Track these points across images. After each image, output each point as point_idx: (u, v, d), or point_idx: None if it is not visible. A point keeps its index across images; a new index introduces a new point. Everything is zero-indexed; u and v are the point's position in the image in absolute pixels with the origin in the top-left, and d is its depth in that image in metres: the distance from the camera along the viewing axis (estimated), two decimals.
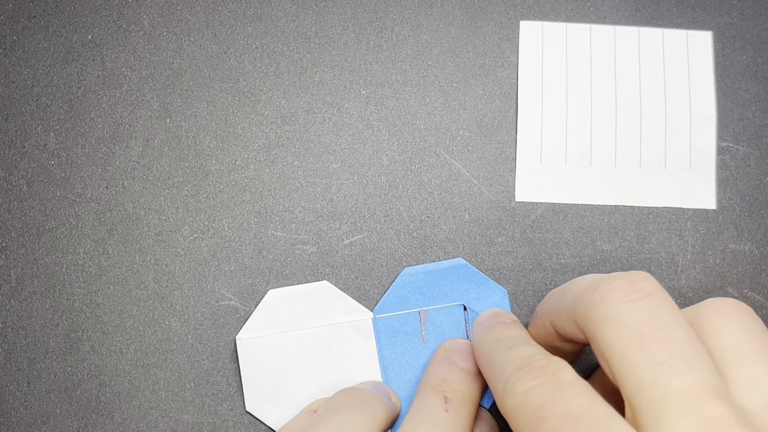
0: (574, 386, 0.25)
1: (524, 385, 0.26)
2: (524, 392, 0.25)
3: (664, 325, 0.24)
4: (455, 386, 0.30)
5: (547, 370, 0.26)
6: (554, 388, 0.25)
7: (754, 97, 0.36)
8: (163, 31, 0.36)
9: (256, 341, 0.33)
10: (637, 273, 0.26)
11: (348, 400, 0.30)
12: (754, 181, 0.35)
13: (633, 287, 0.25)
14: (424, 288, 0.34)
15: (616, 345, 0.24)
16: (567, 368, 0.26)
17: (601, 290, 0.26)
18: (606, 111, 0.36)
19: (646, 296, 0.25)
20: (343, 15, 0.36)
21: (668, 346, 0.24)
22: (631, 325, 0.24)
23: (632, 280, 0.26)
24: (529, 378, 0.26)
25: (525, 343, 0.29)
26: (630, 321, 0.25)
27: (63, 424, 0.33)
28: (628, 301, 0.25)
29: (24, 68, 0.36)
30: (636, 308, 0.25)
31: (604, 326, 0.25)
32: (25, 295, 0.34)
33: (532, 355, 0.27)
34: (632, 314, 0.25)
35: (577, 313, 0.27)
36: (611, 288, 0.26)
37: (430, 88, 0.36)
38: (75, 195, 0.35)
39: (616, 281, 0.26)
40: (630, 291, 0.25)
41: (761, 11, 0.37)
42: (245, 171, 0.35)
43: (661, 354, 0.24)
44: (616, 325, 0.25)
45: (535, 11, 0.37)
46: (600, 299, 0.26)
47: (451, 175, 0.35)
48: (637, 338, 0.24)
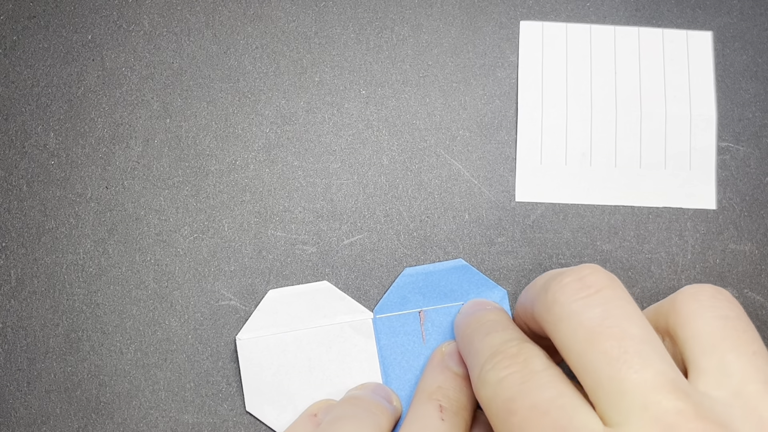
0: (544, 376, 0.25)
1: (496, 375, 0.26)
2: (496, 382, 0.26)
3: (617, 320, 0.24)
4: (450, 394, 0.30)
5: (519, 357, 0.26)
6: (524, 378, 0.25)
7: (754, 97, 0.36)
8: (163, 31, 0.36)
9: (256, 341, 0.33)
10: (587, 267, 0.26)
11: (353, 410, 0.30)
12: (754, 181, 0.35)
13: (582, 283, 0.25)
14: (424, 288, 0.34)
15: (571, 344, 0.25)
16: (539, 356, 0.26)
17: (552, 290, 0.26)
18: (606, 111, 0.36)
19: (597, 291, 0.25)
20: (343, 15, 0.36)
21: (622, 342, 0.24)
22: (584, 324, 0.25)
23: (581, 275, 0.26)
24: (501, 367, 0.26)
25: (503, 327, 0.29)
26: (582, 319, 0.25)
27: (63, 424, 0.33)
28: (579, 298, 0.25)
29: (24, 68, 0.36)
30: (587, 305, 0.25)
31: (559, 327, 0.25)
32: (25, 295, 0.34)
33: (507, 341, 0.27)
34: (584, 312, 0.25)
35: (535, 315, 0.27)
36: (561, 287, 0.26)
37: (430, 88, 0.36)
38: (75, 195, 0.35)
39: (565, 279, 0.26)
40: (580, 288, 0.25)
41: (761, 11, 0.37)
42: (245, 171, 0.35)
43: (614, 350, 0.24)
44: (570, 325, 0.25)
45: (535, 11, 0.37)
46: (552, 299, 0.26)
47: (451, 175, 0.35)
48: (591, 336, 0.24)
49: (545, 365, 0.26)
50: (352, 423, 0.29)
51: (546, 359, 0.26)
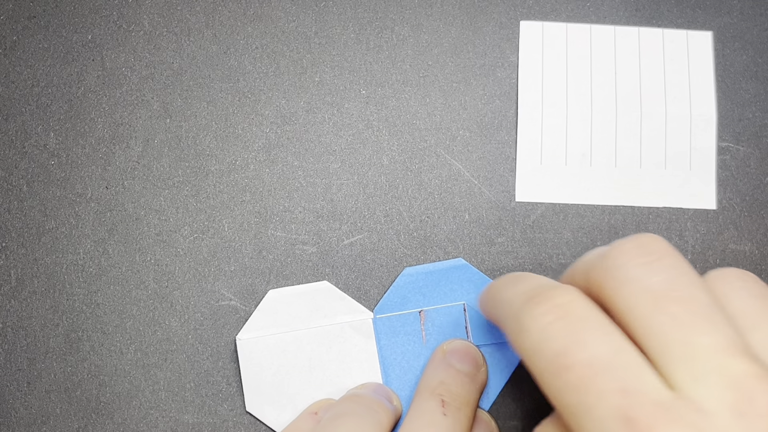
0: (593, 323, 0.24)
1: (537, 323, 0.25)
2: (539, 331, 0.24)
3: (683, 286, 0.24)
4: (452, 389, 0.30)
5: (558, 299, 0.25)
6: (572, 326, 0.24)
7: (754, 97, 0.36)
8: (163, 31, 0.36)
9: (256, 341, 0.33)
10: (646, 235, 0.25)
11: (354, 408, 0.30)
12: (754, 181, 0.35)
13: (645, 249, 0.25)
14: (425, 288, 0.34)
15: (637, 308, 0.24)
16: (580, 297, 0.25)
17: (613, 255, 0.25)
18: (606, 111, 0.36)
19: (659, 258, 0.25)
20: (343, 15, 0.36)
21: (690, 307, 0.23)
22: (649, 288, 0.24)
23: (642, 242, 0.25)
24: (540, 312, 0.25)
25: (532, 276, 0.28)
26: (647, 283, 0.24)
27: (63, 424, 0.33)
28: (642, 263, 0.24)
29: (24, 68, 0.36)
30: (651, 270, 0.24)
31: (621, 290, 0.24)
32: (25, 295, 0.34)
33: (540, 285, 0.26)
34: (648, 277, 0.24)
35: (591, 283, 0.26)
36: (622, 251, 0.25)
37: (430, 88, 0.36)
38: (75, 195, 0.35)
39: (626, 245, 0.25)
40: (641, 253, 0.25)
41: (761, 11, 0.37)
42: (245, 171, 0.35)
43: (684, 315, 0.23)
44: (634, 289, 0.24)
45: (535, 11, 0.37)
46: (612, 263, 0.25)
47: (451, 175, 0.35)
48: (657, 300, 0.24)
49: (589, 308, 0.25)
50: (352, 420, 0.29)
51: (588, 301, 0.25)
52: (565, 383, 0.23)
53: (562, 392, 0.23)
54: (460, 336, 0.33)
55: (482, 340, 0.33)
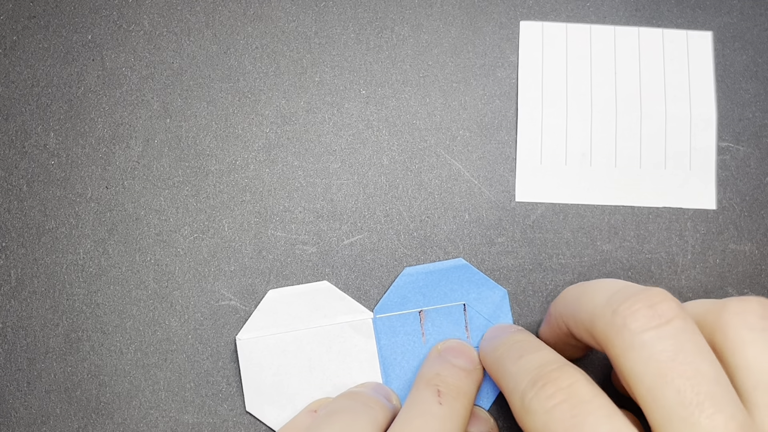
0: (595, 406, 0.25)
1: (542, 405, 0.25)
2: (544, 413, 0.25)
3: (689, 356, 0.24)
4: (449, 380, 0.30)
5: (563, 382, 0.26)
6: (575, 409, 0.25)
7: (754, 97, 0.36)
8: (163, 31, 0.36)
9: (256, 341, 0.33)
10: (657, 293, 0.26)
11: (350, 404, 0.30)
12: (754, 181, 0.35)
13: (654, 312, 0.25)
14: (425, 288, 0.34)
15: (642, 376, 0.24)
16: (583, 380, 0.26)
17: (621, 314, 0.25)
18: (606, 111, 0.36)
19: (668, 321, 0.25)
20: (343, 15, 0.36)
21: (695, 382, 0.24)
22: (656, 357, 0.24)
23: (652, 302, 0.25)
24: (545, 395, 0.26)
25: (534, 348, 0.29)
26: (654, 352, 0.24)
27: (63, 424, 0.33)
28: (650, 328, 0.25)
29: (24, 68, 0.36)
30: (660, 337, 0.24)
31: (628, 355, 0.25)
32: (25, 295, 0.34)
33: (545, 364, 0.27)
34: (656, 344, 0.24)
35: (596, 331, 0.26)
36: (632, 312, 0.25)
37: (430, 88, 0.36)
38: (75, 195, 0.35)
39: (636, 305, 0.25)
40: (652, 316, 0.25)
41: (761, 11, 0.37)
42: (245, 171, 0.35)
43: (688, 391, 0.23)
44: (641, 356, 0.24)
45: (535, 11, 0.37)
46: (621, 324, 0.25)
47: (451, 175, 0.35)
48: (663, 371, 0.24)
49: (592, 392, 0.25)
50: (347, 416, 0.29)
51: (591, 384, 0.26)
52: None
53: None
54: (460, 336, 0.33)
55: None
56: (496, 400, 0.33)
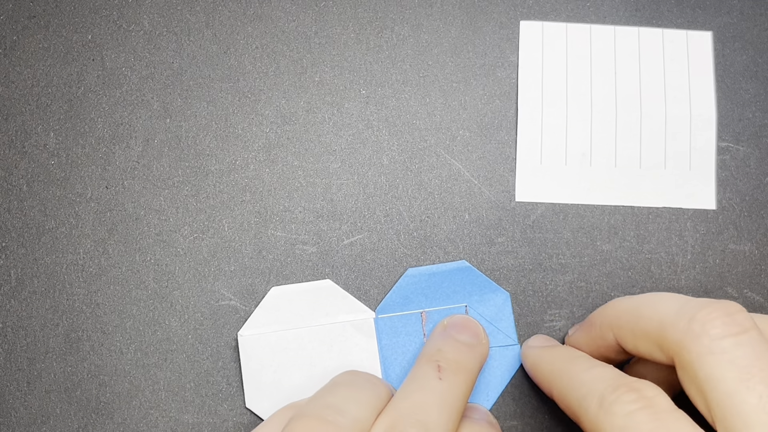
0: (675, 417, 0.25)
1: (623, 408, 0.25)
2: (625, 415, 0.25)
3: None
4: (449, 356, 0.30)
5: (644, 392, 0.26)
6: (656, 416, 0.25)
7: (754, 97, 0.36)
8: (163, 31, 0.36)
9: (257, 338, 0.33)
10: (731, 304, 0.26)
11: (352, 378, 0.30)
12: (754, 181, 0.35)
13: (733, 320, 0.25)
14: (427, 289, 0.34)
15: (721, 381, 0.24)
16: (662, 394, 0.26)
17: (700, 320, 0.25)
18: (606, 111, 0.36)
19: (746, 330, 0.25)
20: (343, 15, 0.36)
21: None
22: (736, 362, 0.24)
23: (729, 311, 0.25)
24: (627, 400, 0.26)
25: (601, 364, 0.29)
26: (734, 357, 0.24)
27: (63, 424, 0.33)
28: (730, 335, 0.25)
29: (24, 68, 0.36)
30: (739, 344, 0.25)
31: (707, 360, 0.25)
32: (25, 295, 0.34)
33: (621, 376, 0.27)
34: (736, 350, 0.25)
35: (667, 339, 0.26)
36: (711, 319, 0.25)
37: (430, 88, 0.36)
38: (75, 195, 0.35)
39: (714, 313, 0.25)
40: (731, 324, 0.25)
41: (761, 11, 0.37)
42: (245, 171, 0.35)
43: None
44: (721, 361, 0.25)
45: (535, 11, 0.37)
46: (701, 330, 0.25)
47: (451, 175, 0.35)
48: (744, 377, 0.24)
49: (671, 406, 0.25)
50: (348, 387, 0.29)
51: (669, 400, 0.26)
52: None
53: None
54: None
55: None
56: (497, 400, 0.33)
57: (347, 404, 0.28)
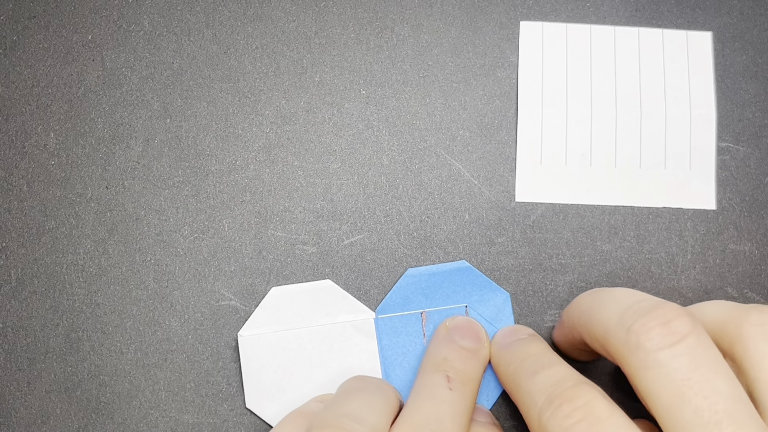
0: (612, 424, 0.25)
1: (559, 424, 0.25)
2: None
3: (706, 374, 0.24)
4: (457, 365, 0.30)
5: (579, 401, 0.26)
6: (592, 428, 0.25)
7: (754, 97, 0.36)
8: (163, 31, 0.36)
9: (257, 338, 0.33)
10: (670, 309, 0.26)
11: (363, 384, 0.30)
12: (754, 181, 0.35)
13: (669, 329, 0.25)
14: (427, 289, 0.34)
15: (658, 395, 0.24)
16: (599, 396, 0.26)
17: (635, 332, 0.25)
18: (606, 111, 0.36)
19: (682, 338, 0.25)
20: (343, 15, 0.36)
21: (712, 401, 0.24)
22: (672, 376, 0.24)
23: (666, 319, 0.25)
24: (562, 414, 0.26)
25: (549, 362, 0.29)
26: (670, 371, 0.24)
27: (63, 424, 0.33)
28: (665, 346, 0.25)
29: (24, 68, 0.36)
30: (675, 355, 0.24)
31: (644, 374, 0.25)
32: (25, 295, 0.34)
33: (561, 381, 0.27)
34: (671, 362, 0.24)
35: (610, 348, 0.26)
36: (646, 331, 0.25)
37: (430, 88, 0.36)
38: (75, 195, 0.35)
39: (650, 323, 0.25)
40: (666, 334, 0.25)
41: (761, 11, 0.37)
42: (245, 171, 0.35)
43: (706, 411, 0.23)
44: (657, 375, 0.25)
45: (535, 11, 0.37)
46: (636, 343, 0.25)
47: (451, 175, 0.35)
48: (680, 390, 0.24)
49: (609, 409, 0.25)
50: (362, 394, 0.29)
51: (607, 400, 0.26)
52: None
53: None
54: None
55: None
56: (497, 400, 0.33)
57: (363, 412, 0.28)
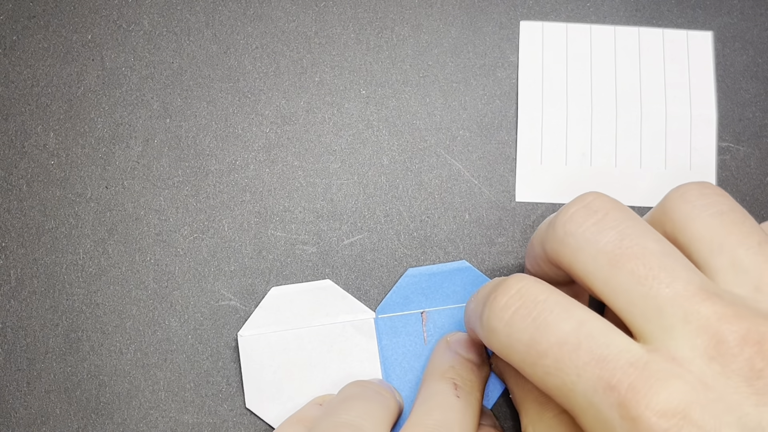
0: (552, 302, 0.25)
1: (500, 318, 0.25)
2: (504, 326, 0.25)
3: (634, 239, 0.24)
4: (463, 374, 0.30)
5: (511, 289, 0.25)
6: (532, 312, 0.24)
7: (754, 97, 0.36)
8: (163, 31, 0.36)
9: (257, 338, 0.33)
10: (588, 194, 0.26)
11: (362, 391, 0.30)
12: (754, 181, 0.35)
13: (590, 209, 0.25)
14: (427, 289, 0.34)
15: (595, 272, 0.24)
16: (531, 280, 0.25)
17: (560, 222, 0.25)
18: (606, 111, 0.36)
19: (605, 214, 0.25)
20: (343, 15, 0.36)
21: (645, 260, 0.24)
22: (603, 249, 0.24)
23: (585, 202, 0.25)
24: (499, 306, 0.25)
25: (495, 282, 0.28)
26: (600, 245, 0.24)
27: (63, 424, 0.33)
28: (591, 224, 0.25)
29: (24, 68, 0.36)
30: (600, 230, 0.25)
31: (578, 257, 0.25)
32: (25, 295, 0.34)
33: (495, 282, 0.27)
34: (599, 237, 0.25)
35: (548, 254, 0.26)
36: (570, 216, 0.25)
37: (430, 88, 0.36)
38: (75, 195, 0.35)
39: (571, 208, 0.25)
40: (588, 214, 0.25)
41: (761, 11, 0.37)
42: (245, 171, 0.35)
43: (640, 269, 0.24)
44: (589, 253, 0.25)
45: (535, 11, 0.37)
46: (563, 232, 0.25)
47: (451, 175, 0.35)
48: (613, 260, 0.24)
49: (544, 290, 0.25)
50: (362, 402, 0.29)
51: (540, 282, 0.25)
52: (544, 370, 0.24)
53: (545, 378, 0.24)
54: None
55: None
56: (497, 400, 0.33)
57: (363, 421, 0.28)
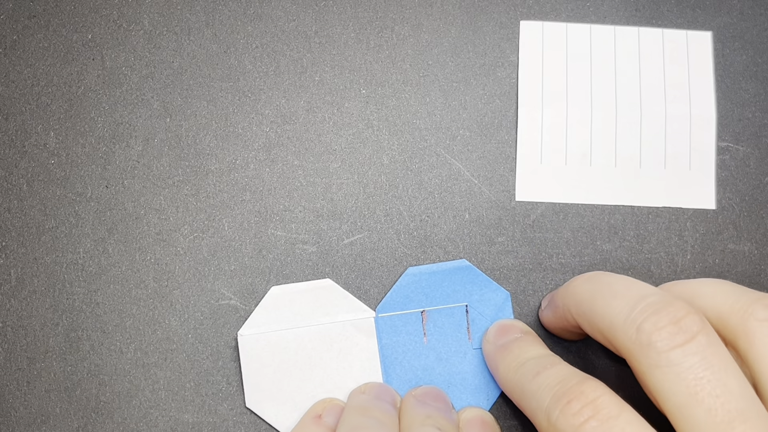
0: (624, 420, 0.25)
1: (569, 422, 0.25)
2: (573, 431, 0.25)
3: (717, 373, 0.24)
4: (441, 422, 0.30)
5: (587, 397, 0.25)
6: (604, 425, 0.25)
7: (754, 97, 0.36)
8: (163, 31, 0.36)
9: (257, 338, 0.33)
10: (680, 307, 0.26)
11: (365, 422, 0.30)
12: (754, 181, 0.35)
13: (679, 328, 0.25)
14: (427, 288, 0.34)
15: (670, 394, 0.24)
16: (607, 392, 0.26)
17: (646, 332, 0.25)
18: (606, 111, 0.36)
19: (693, 336, 0.25)
20: (343, 15, 0.36)
21: (724, 400, 0.24)
22: (684, 375, 0.24)
23: (677, 318, 0.25)
24: (571, 412, 0.25)
25: (549, 362, 0.29)
26: (682, 370, 0.24)
27: (63, 424, 0.33)
28: (677, 345, 0.25)
29: (24, 68, 0.36)
30: (686, 354, 0.25)
31: (655, 372, 0.25)
32: (25, 295, 0.34)
33: (565, 379, 0.27)
34: (683, 361, 0.24)
35: (617, 343, 0.26)
36: (658, 330, 0.25)
37: (430, 88, 0.36)
38: (75, 195, 0.35)
39: (660, 322, 0.25)
40: (676, 332, 0.25)
41: (761, 11, 0.37)
42: (245, 170, 0.35)
43: (718, 410, 0.24)
44: (669, 374, 0.25)
45: (535, 11, 0.37)
46: (647, 342, 0.25)
47: (451, 174, 0.35)
48: (693, 390, 0.24)
49: (619, 406, 0.25)
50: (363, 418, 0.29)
51: (615, 396, 0.26)
52: None
53: None
54: (461, 336, 0.33)
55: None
56: (496, 400, 0.33)
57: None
